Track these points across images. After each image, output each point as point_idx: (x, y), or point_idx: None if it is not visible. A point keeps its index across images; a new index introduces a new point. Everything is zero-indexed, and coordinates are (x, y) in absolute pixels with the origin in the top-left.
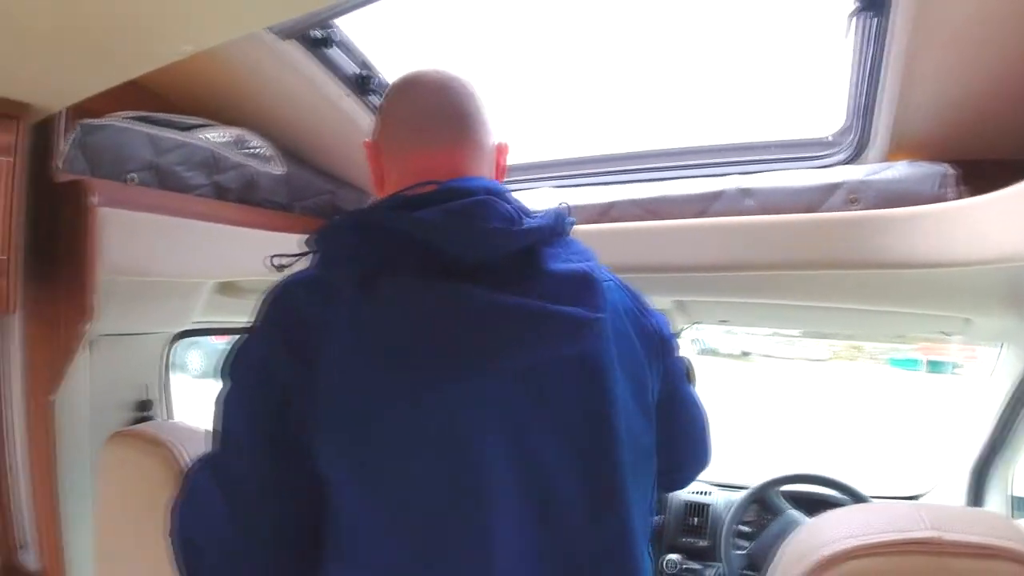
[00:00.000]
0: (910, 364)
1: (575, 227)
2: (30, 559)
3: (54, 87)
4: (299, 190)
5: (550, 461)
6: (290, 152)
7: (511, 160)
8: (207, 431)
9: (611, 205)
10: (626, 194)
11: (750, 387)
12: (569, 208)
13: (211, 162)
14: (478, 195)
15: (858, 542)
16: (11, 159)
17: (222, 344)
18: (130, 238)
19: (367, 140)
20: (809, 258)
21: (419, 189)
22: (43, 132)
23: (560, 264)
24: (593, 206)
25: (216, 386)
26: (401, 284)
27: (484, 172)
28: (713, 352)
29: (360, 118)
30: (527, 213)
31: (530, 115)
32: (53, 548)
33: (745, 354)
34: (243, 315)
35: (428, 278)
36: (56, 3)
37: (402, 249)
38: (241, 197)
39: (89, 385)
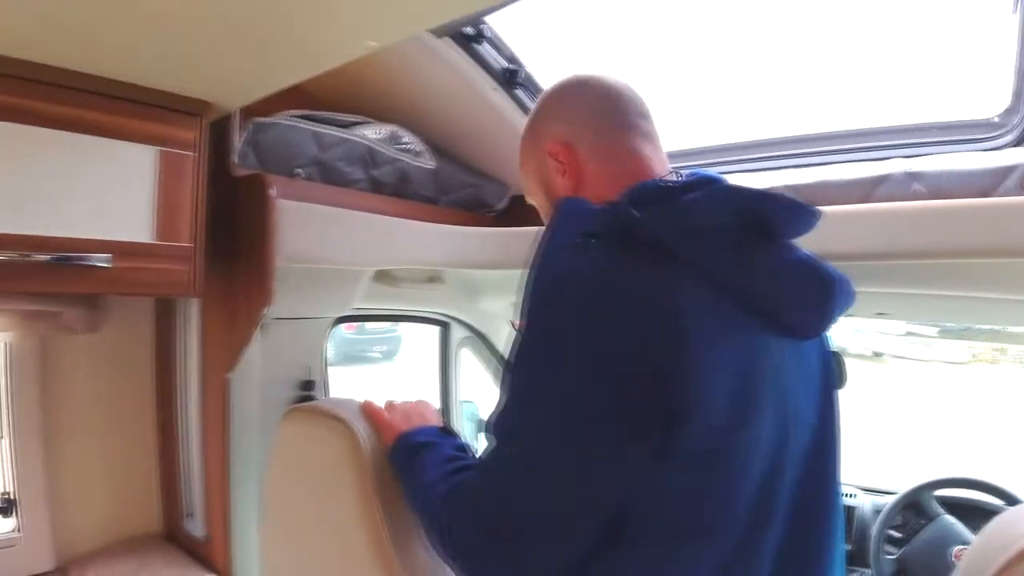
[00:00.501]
0: None
1: None
2: (195, 527)
3: (235, 86)
4: (446, 184)
5: None
6: (438, 147)
7: (666, 146)
8: None
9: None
10: (783, 179)
11: (884, 389)
12: None
13: (368, 158)
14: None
15: None
16: (195, 154)
17: (350, 333)
18: (302, 228)
19: (552, 144)
20: (984, 245)
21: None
22: (220, 129)
23: None
24: (748, 192)
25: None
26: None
27: None
28: (841, 351)
29: (508, 112)
30: None
31: (683, 101)
32: (221, 517)
33: (877, 355)
34: (394, 302)
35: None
36: (241, 4)
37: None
38: (395, 191)
39: (260, 365)
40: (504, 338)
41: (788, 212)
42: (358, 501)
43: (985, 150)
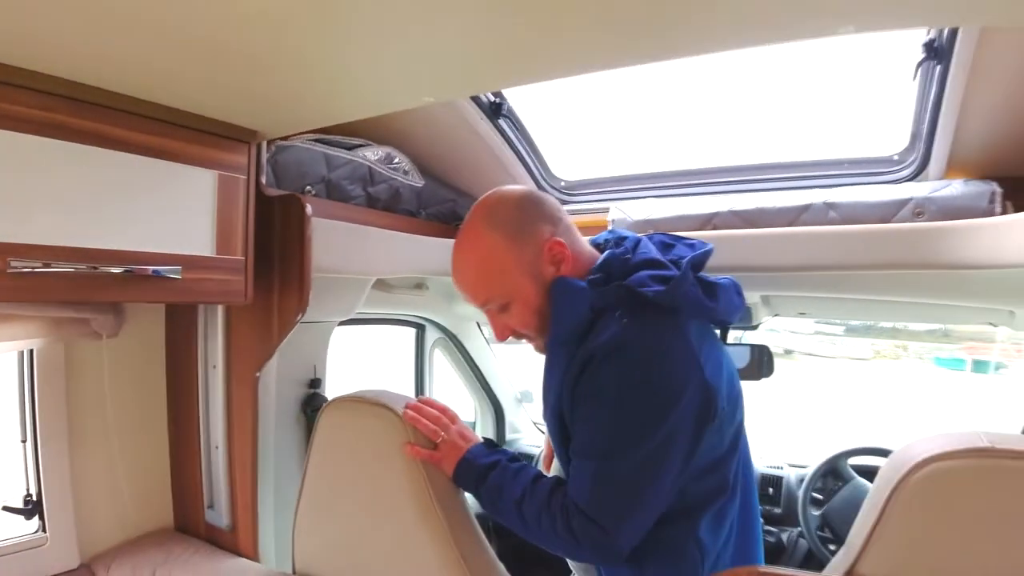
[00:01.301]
0: (955, 364)
1: (681, 233)
2: (218, 517)
3: (285, 119)
4: (427, 199)
5: None
6: (423, 166)
7: (624, 171)
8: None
9: (714, 215)
10: (727, 205)
11: (795, 383)
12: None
13: (367, 177)
14: None
15: (938, 451)
16: (245, 176)
17: None
18: (327, 243)
19: (557, 240)
20: (884, 261)
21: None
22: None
23: None
24: (697, 216)
25: None
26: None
27: None
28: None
29: (491, 139)
30: None
31: (636, 131)
32: (249, 506)
33: (788, 352)
34: (382, 307)
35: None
36: (314, 45)
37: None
38: (386, 206)
39: (274, 365)
40: (471, 338)
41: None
42: (407, 476)
43: (887, 183)
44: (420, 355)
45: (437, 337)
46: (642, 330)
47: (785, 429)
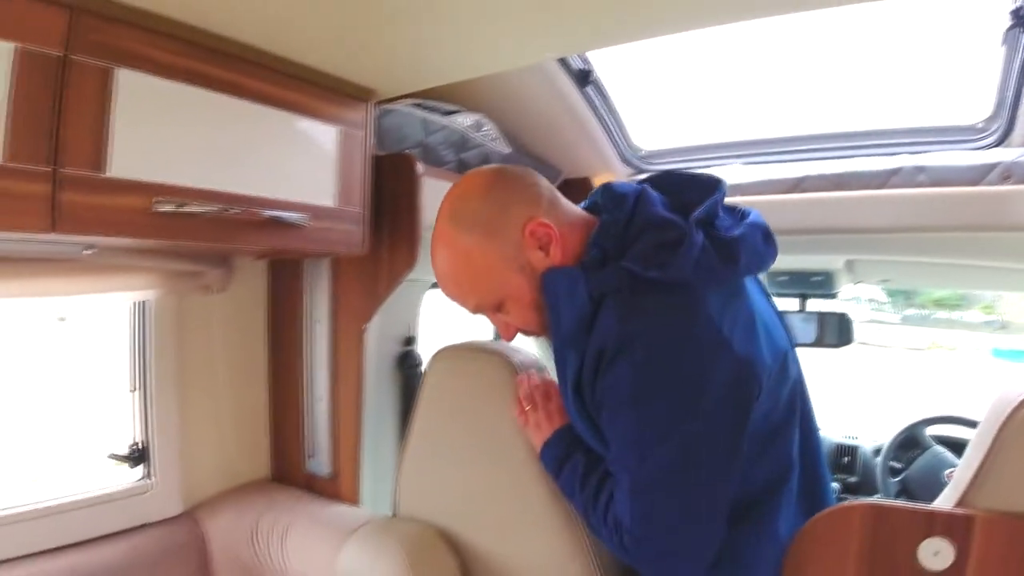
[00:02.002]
0: (1015, 355)
1: (765, 198)
2: (319, 466)
3: (400, 77)
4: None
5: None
6: (508, 134)
7: (706, 139)
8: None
9: (803, 179)
10: (817, 169)
11: (848, 371)
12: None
13: (460, 142)
14: None
15: None
16: (363, 133)
17: None
18: (435, 201)
19: (539, 222)
20: (972, 222)
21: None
22: None
23: None
24: (785, 180)
25: None
26: None
27: None
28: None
29: (578, 107)
30: None
31: (718, 99)
32: (351, 455)
33: None
34: None
35: None
36: (421, 9)
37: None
38: None
39: (376, 321)
40: None
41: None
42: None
43: (973, 149)
44: None
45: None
46: (649, 318)
47: (848, 408)
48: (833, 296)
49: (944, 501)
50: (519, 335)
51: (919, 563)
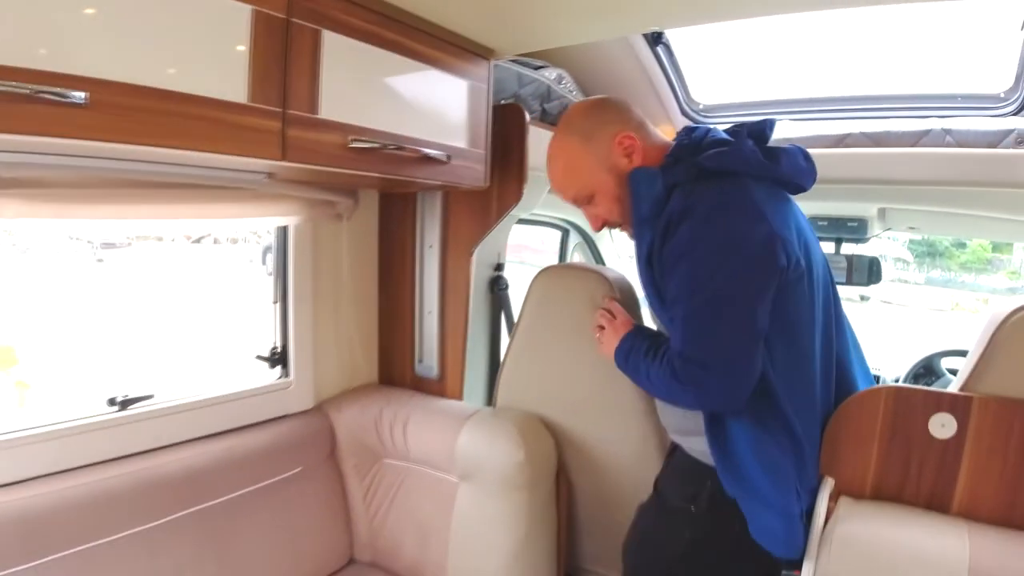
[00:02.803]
0: None
1: (814, 151)
2: (427, 369)
3: (518, 39)
4: None
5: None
6: (584, 87)
7: (761, 96)
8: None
9: (846, 135)
10: (859, 128)
11: (869, 329)
12: None
13: (545, 94)
14: None
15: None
16: (486, 86)
17: None
18: (538, 146)
19: (625, 135)
20: (989, 179)
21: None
22: None
23: None
24: (831, 136)
25: None
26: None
27: None
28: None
29: (648, 64)
30: None
31: (775, 57)
32: (458, 359)
33: (864, 298)
34: (543, 208)
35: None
36: None
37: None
38: (552, 121)
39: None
40: (603, 242)
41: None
42: None
43: (994, 116)
44: (563, 255)
45: (577, 241)
46: (707, 193)
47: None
48: (865, 241)
49: (950, 387)
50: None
51: (929, 433)
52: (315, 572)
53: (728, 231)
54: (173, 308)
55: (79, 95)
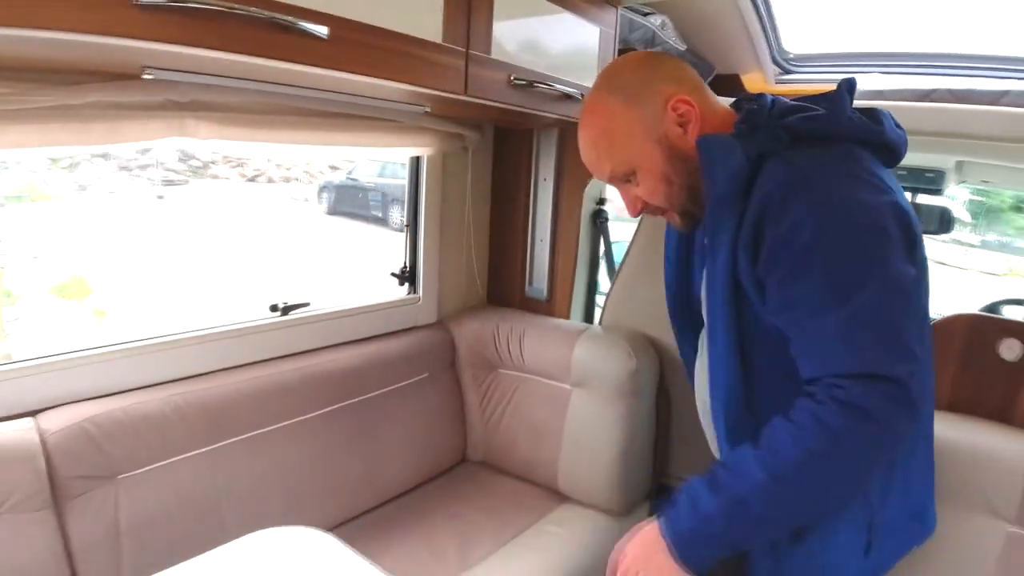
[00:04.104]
0: None
1: (901, 104)
2: (537, 292)
3: None
4: None
5: None
6: (683, 33)
7: (849, 47)
8: None
9: (932, 91)
10: (944, 84)
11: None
12: None
13: (650, 39)
14: None
15: None
16: (613, 31)
17: None
18: None
19: (681, 98)
20: None
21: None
22: None
23: None
24: (917, 90)
25: None
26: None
27: None
28: None
29: (744, 6)
30: None
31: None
32: (568, 283)
33: None
34: None
35: None
36: None
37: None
38: None
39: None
40: None
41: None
42: None
43: None
44: None
45: None
46: (817, 161)
47: None
48: (940, 192)
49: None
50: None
51: (999, 355)
52: (434, 467)
53: (862, 203)
54: (234, 241)
55: (322, 29)
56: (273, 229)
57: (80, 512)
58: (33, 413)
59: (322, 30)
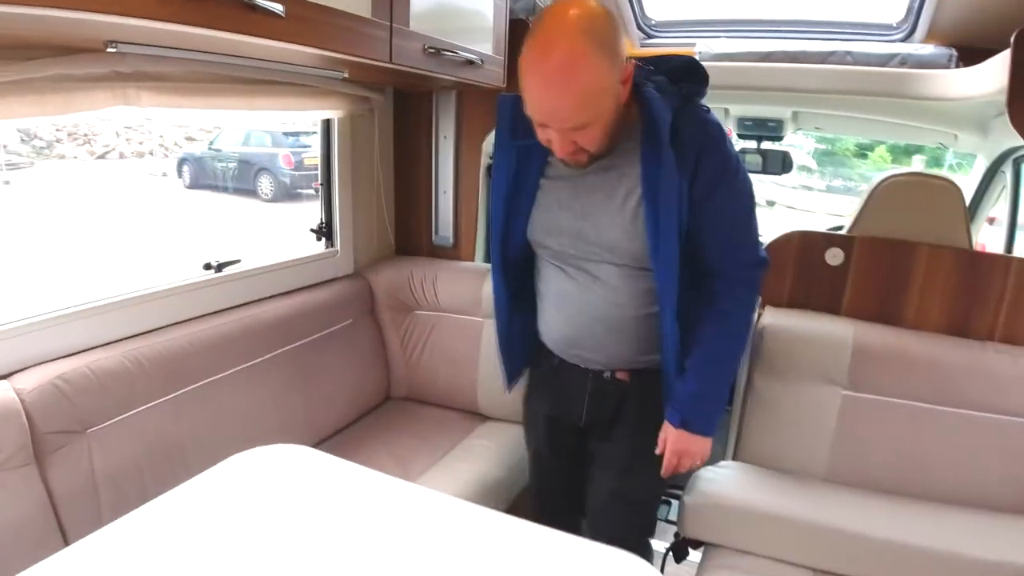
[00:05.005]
0: None
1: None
2: (443, 239)
3: None
4: None
5: None
6: None
7: (702, 15)
8: None
9: (772, 52)
10: (780, 46)
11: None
12: None
13: (531, 8)
14: None
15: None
16: (504, 3)
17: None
18: None
19: (630, 59)
20: (878, 90)
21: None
22: None
23: None
24: (759, 52)
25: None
26: None
27: None
28: None
29: None
30: None
31: None
32: (471, 230)
33: (770, 203)
34: None
35: None
36: None
37: None
38: None
39: None
40: None
41: None
42: None
43: (886, 41)
44: None
45: None
46: (708, 116)
47: None
48: (780, 139)
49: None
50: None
51: (826, 261)
52: (364, 405)
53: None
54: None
55: (279, 7)
56: (131, 208)
57: (59, 465)
58: (3, 377)
59: (279, 8)
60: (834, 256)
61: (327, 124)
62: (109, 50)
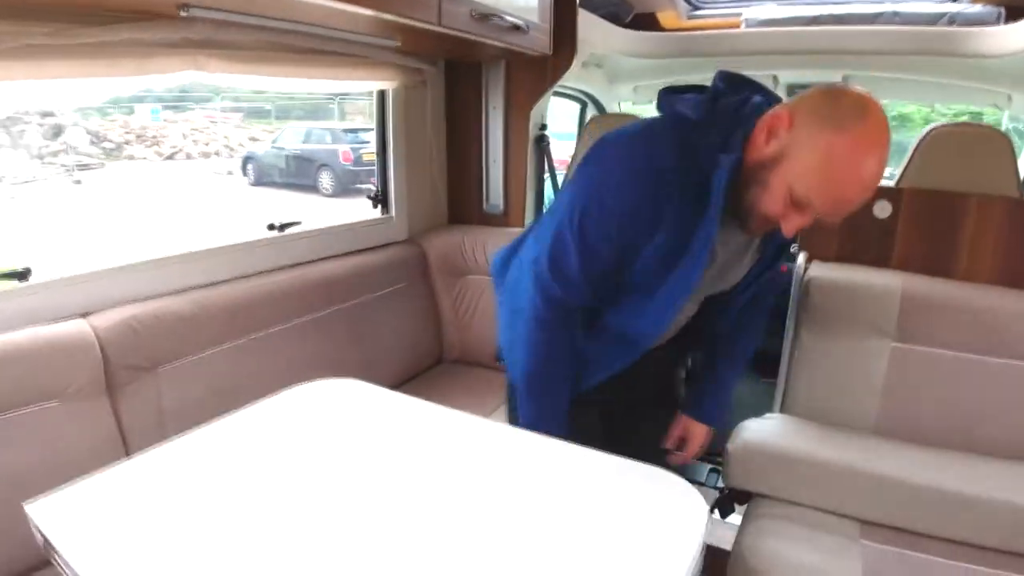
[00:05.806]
0: None
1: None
2: (494, 208)
3: None
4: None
5: None
6: None
7: None
8: None
9: (818, 16)
10: (828, 10)
11: None
12: None
13: None
14: None
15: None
16: None
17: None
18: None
19: None
20: (929, 48)
21: None
22: None
23: None
24: (807, 16)
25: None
26: None
27: None
28: None
29: None
30: None
31: None
32: (519, 199)
33: None
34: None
35: None
36: None
37: None
38: (586, 6)
39: None
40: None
41: None
42: None
43: (932, 0)
44: (580, 128)
45: (593, 115)
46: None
47: None
48: None
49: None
50: None
51: (874, 214)
52: (416, 367)
53: None
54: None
55: None
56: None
57: (130, 398)
58: (82, 316)
59: None
60: (882, 209)
61: (382, 96)
62: (182, 14)
